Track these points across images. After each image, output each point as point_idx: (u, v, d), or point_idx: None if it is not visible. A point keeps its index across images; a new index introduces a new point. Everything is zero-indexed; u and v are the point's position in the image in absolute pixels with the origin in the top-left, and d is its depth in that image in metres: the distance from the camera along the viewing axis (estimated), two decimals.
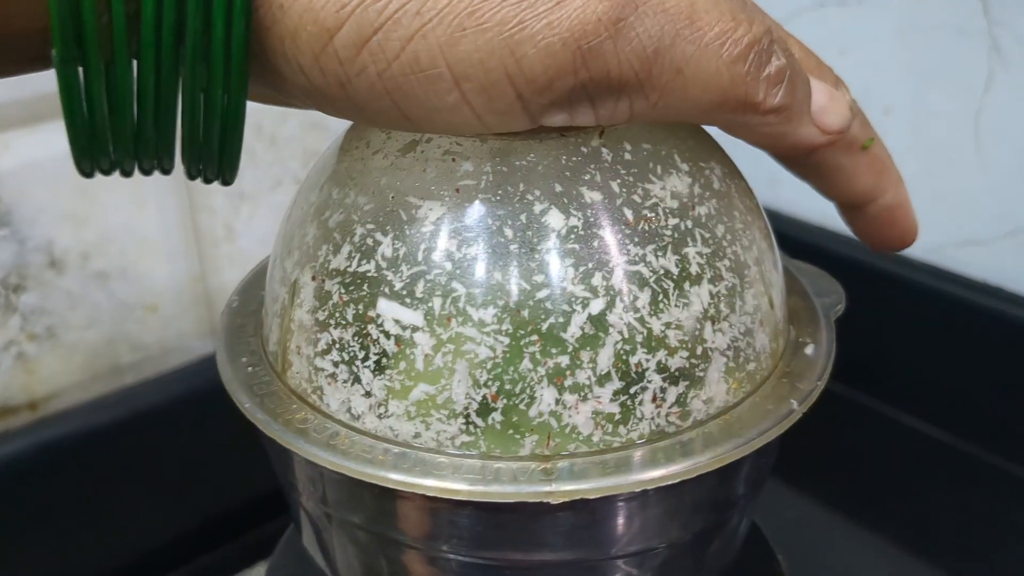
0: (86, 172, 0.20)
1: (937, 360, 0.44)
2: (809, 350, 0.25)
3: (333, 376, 0.22)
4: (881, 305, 0.44)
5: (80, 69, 0.18)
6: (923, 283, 0.43)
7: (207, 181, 0.21)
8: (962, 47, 0.42)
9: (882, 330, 0.45)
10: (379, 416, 0.22)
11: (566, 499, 0.20)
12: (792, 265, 0.29)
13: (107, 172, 0.20)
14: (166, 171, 0.20)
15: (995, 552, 0.38)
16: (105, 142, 0.19)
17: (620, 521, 0.22)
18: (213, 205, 0.44)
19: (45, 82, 0.19)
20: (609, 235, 0.21)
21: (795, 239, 0.46)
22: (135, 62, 0.18)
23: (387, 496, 0.22)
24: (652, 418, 0.21)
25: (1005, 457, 0.42)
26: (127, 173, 0.20)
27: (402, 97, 0.19)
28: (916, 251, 0.45)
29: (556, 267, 0.21)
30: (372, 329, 0.21)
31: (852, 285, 0.29)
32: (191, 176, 0.21)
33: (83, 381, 0.42)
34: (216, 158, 0.20)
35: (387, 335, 0.21)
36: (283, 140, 0.45)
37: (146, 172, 0.20)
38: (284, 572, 0.33)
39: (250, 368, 0.25)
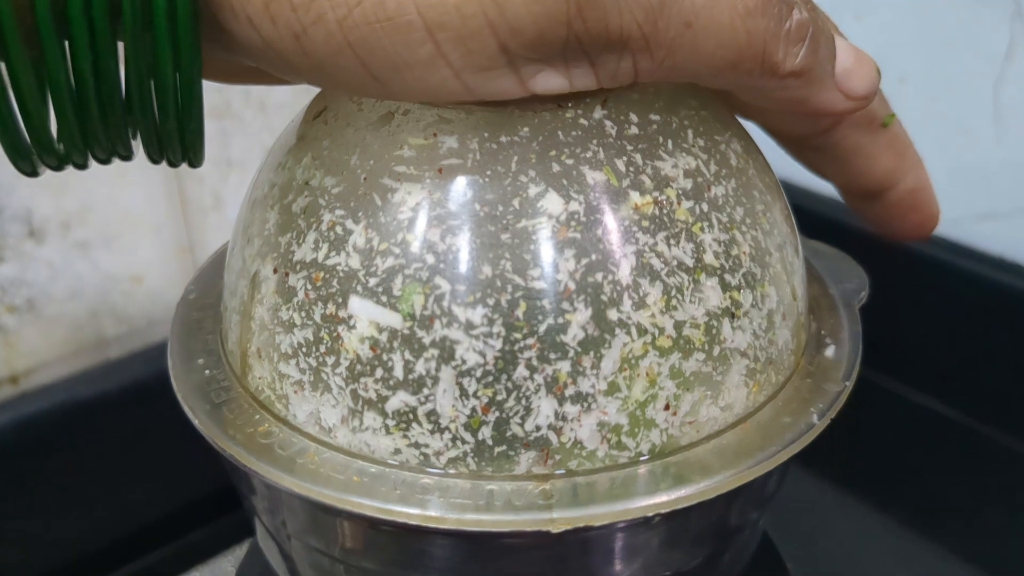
0: (28, 173, 0.17)
1: (949, 336, 0.42)
2: (829, 349, 0.22)
3: (300, 384, 0.19)
4: (892, 278, 0.42)
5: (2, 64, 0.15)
6: (938, 257, 0.41)
7: (172, 165, 0.18)
8: (983, 13, 0.40)
9: (893, 305, 0.43)
10: (353, 430, 0.19)
11: (568, 527, 0.18)
12: (809, 247, 0.26)
13: (57, 168, 0.17)
14: (124, 158, 0.18)
15: (1004, 532, 0.37)
16: (47, 139, 0.16)
17: (625, 549, 0.20)
18: (200, 172, 0.42)
19: None
20: (614, 222, 0.18)
21: (810, 212, 0.44)
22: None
23: (358, 522, 0.19)
24: (665, 428, 0.19)
25: (1016, 436, 0.40)
26: (80, 166, 0.17)
27: (366, 51, 0.16)
28: None
29: (554, 260, 0.18)
30: (343, 331, 0.19)
31: (865, 259, 0.26)
32: (153, 161, 0.18)
33: (66, 354, 0.40)
34: (177, 140, 0.17)
35: (361, 339, 0.18)
36: (272, 106, 0.43)
37: (103, 162, 0.18)
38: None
39: (207, 371, 0.22)
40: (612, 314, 0.18)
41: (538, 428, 0.18)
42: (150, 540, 0.40)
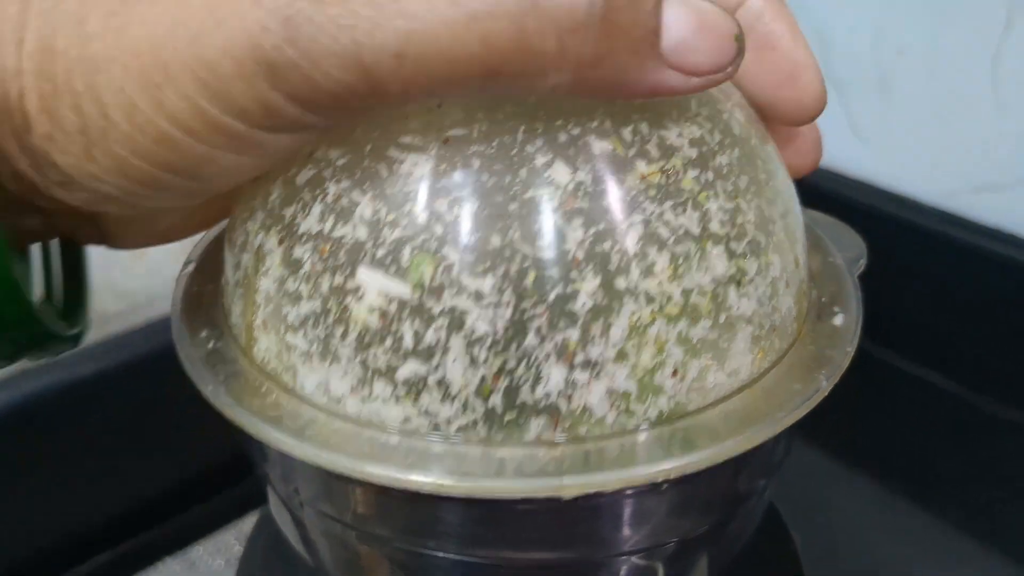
0: None
1: (946, 308, 0.42)
2: (838, 318, 0.22)
3: (307, 354, 0.20)
4: (890, 251, 0.42)
5: None
6: (936, 229, 0.41)
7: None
8: None
9: (890, 276, 0.43)
10: (362, 399, 0.19)
11: (579, 493, 0.18)
12: (807, 216, 0.26)
13: None
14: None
15: (1003, 504, 0.37)
16: None
17: (635, 514, 0.20)
18: None
19: None
20: (621, 191, 0.19)
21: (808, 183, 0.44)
22: None
23: (370, 490, 0.19)
24: (672, 395, 0.19)
25: (1015, 407, 0.41)
26: None
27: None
28: (929, 196, 0.43)
29: (562, 229, 0.18)
30: (352, 302, 0.19)
31: (862, 229, 0.27)
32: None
33: None
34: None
35: (370, 309, 0.19)
36: None
37: None
38: (262, 549, 0.31)
39: (211, 343, 0.22)
40: (620, 283, 0.18)
41: (548, 395, 0.18)
42: (152, 515, 0.40)
